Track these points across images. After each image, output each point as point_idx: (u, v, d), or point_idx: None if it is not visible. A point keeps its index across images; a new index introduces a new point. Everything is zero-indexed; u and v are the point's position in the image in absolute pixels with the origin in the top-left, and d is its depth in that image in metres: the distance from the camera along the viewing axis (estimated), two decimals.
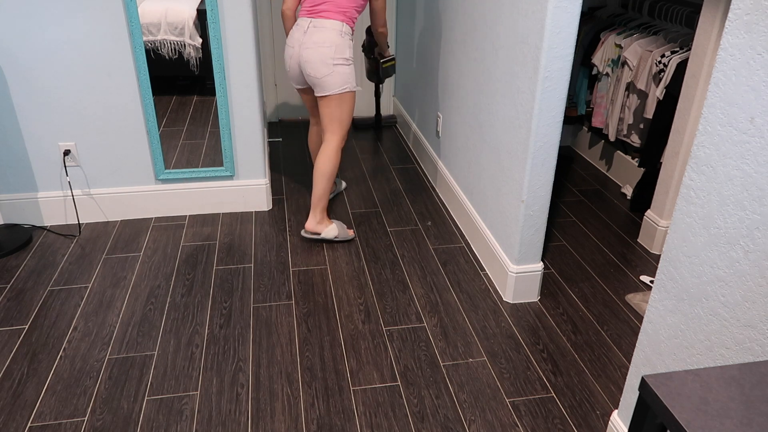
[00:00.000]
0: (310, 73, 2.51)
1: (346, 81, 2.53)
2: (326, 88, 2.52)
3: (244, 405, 1.88)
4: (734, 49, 1.18)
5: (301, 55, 2.50)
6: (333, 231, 2.73)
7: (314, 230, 2.71)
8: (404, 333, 2.21)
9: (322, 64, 2.47)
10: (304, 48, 2.48)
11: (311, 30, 2.47)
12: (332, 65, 2.47)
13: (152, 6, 2.62)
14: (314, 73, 2.49)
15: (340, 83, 2.52)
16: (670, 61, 2.66)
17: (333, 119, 2.60)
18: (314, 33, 2.47)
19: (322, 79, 2.50)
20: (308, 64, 2.49)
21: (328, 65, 2.47)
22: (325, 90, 2.53)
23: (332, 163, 2.65)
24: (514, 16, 2.16)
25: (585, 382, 2.01)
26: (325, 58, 2.46)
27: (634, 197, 3.14)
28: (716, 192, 1.25)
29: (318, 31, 2.47)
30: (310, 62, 2.49)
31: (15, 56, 2.50)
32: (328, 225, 2.73)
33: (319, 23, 2.47)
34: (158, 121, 2.77)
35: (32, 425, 1.78)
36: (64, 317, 2.24)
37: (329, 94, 2.53)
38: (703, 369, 0.90)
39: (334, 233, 2.73)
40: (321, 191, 2.66)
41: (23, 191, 2.79)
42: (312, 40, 2.47)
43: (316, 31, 2.47)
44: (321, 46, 2.45)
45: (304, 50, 2.49)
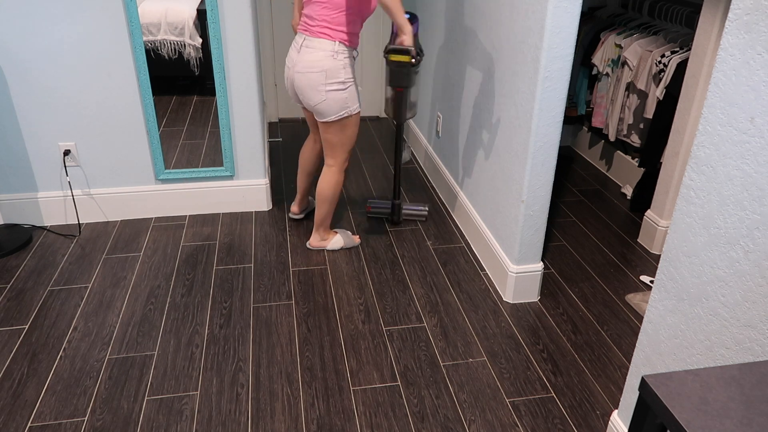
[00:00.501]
0: (302, 100, 2.35)
1: (343, 107, 2.31)
2: (322, 114, 2.33)
3: (244, 405, 1.88)
4: (734, 49, 1.18)
5: (293, 79, 2.32)
6: (338, 243, 2.70)
7: (318, 246, 2.69)
8: (404, 333, 2.21)
9: (313, 92, 2.27)
10: (295, 72, 2.29)
11: (303, 50, 2.27)
12: (324, 92, 2.26)
13: (152, 6, 2.62)
14: (306, 100, 2.33)
15: (336, 110, 2.31)
16: (670, 61, 2.66)
17: (332, 145, 2.44)
18: (305, 54, 2.26)
19: (315, 107, 2.31)
20: (299, 90, 2.32)
21: (320, 92, 2.26)
22: (321, 116, 2.34)
23: (333, 189, 2.53)
24: (514, 16, 2.16)
25: (585, 382, 2.01)
26: (316, 84, 2.25)
27: (634, 197, 3.14)
28: (716, 192, 1.25)
29: (308, 52, 2.25)
30: (300, 88, 2.31)
31: (15, 56, 2.50)
32: (332, 238, 2.69)
33: (310, 42, 2.25)
34: (158, 121, 2.77)
35: (32, 425, 1.78)
36: (64, 317, 2.24)
37: (327, 121, 2.35)
38: (703, 369, 0.90)
39: (339, 245, 2.70)
40: (322, 215, 2.60)
41: (23, 191, 2.79)
42: (302, 63, 2.26)
43: (307, 51, 2.25)
44: (310, 71, 2.25)
45: (296, 74, 2.29)
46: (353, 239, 2.74)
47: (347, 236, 2.73)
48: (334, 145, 2.43)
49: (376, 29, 4.19)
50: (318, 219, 2.61)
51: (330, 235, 2.69)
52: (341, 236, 2.71)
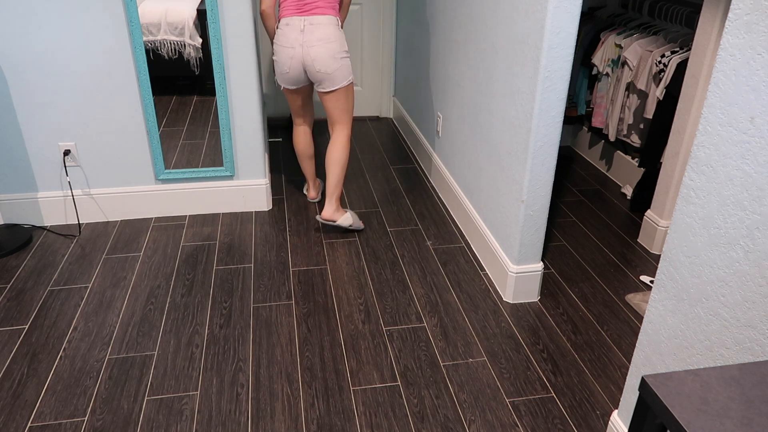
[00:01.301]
0: (321, 69, 2.54)
1: (349, 72, 2.62)
2: (336, 81, 2.58)
3: (244, 405, 1.88)
4: (734, 49, 1.18)
5: (307, 54, 2.52)
6: (348, 219, 2.80)
7: (331, 218, 2.76)
8: (404, 333, 2.21)
9: (332, 59, 2.53)
10: (308, 46, 2.50)
11: (309, 28, 2.49)
12: (340, 59, 2.55)
13: (152, 6, 2.62)
14: (325, 68, 2.54)
15: (346, 75, 2.60)
16: (670, 61, 2.66)
17: (343, 111, 2.68)
18: (314, 30, 2.49)
19: (332, 74, 2.55)
20: (318, 61, 2.52)
21: (337, 59, 2.54)
22: (334, 84, 2.59)
23: (346, 152, 2.73)
24: (514, 16, 2.16)
25: (585, 382, 2.01)
26: (334, 53, 2.52)
27: (634, 197, 3.14)
28: (716, 192, 1.25)
29: (317, 28, 2.49)
30: (319, 59, 2.52)
31: (15, 56, 2.50)
32: (344, 213, 2.79)
33: (315, 20, 2.49)
34: (158, 121, 2.77)
35: (32, 425, 1.78)
36: (64, 317, 2.24)
37: (338, 88, 2.60)
38: (703, 369, 0.90)
39: (349, 221, 2.79)
40: (336, 179, 2.73)
41: (23, 191, 2.79)
42: (315, 38, 2.49)
43: (315, 28, 2.49)
44: (328, 42, 2.50)
45: (309, 49, 2.50)
46: (360, 222, 2.86)
47: (355, 217, 2.84)
48: (344, 111, 2.68)
49: (377, 28, 4.19)
50: (331, 185, 2.73)
51: (341, 210, 2.79)
52: (351, 215, 2.82)
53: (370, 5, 4.10)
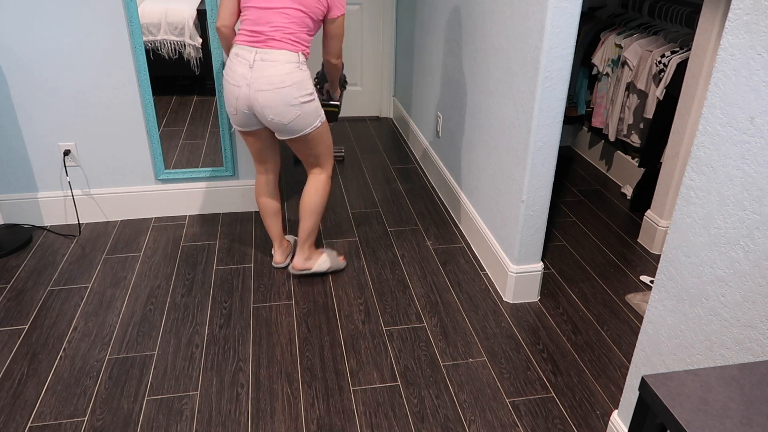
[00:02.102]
0: (273, 118, 2.09)
1: (315, 117, 2.16)
2: (297, 129, 2.14)
3: (244, 405, 1.88)
4: (734, 49, 1.18)
5: (254, 99, 2.05)
6: (325, 263, 2.46)
7: (302, 267, 2.43)
8: (404, 333, 2.21)
9: (287, 108, 2.06)
10: (256, 90, 2.03)
11: (260, 65, 2.01)
12: (299, 105, 2.07)
13: (152, 6, 2.62)
14: (279, 118, 2.08)
15: (311, 121, 2.14)
16: (670, 61, 2.66)
17: (316, 156, 2.28)
18: (265, 68, 2.01)
19: (289, 125, 2.11)
20: (268, 109, 2.06)
21: (294, 107, 2.07)
22: (295, 132, 2.15)
23: (322, 197, 2.34)
24: (514, 16, 2.16)
25: (585, 382, 2.01)
26: (290, 100, 2.05)
27: (634, 197, 3.14)
28: (716, 192, 1.25)
29: (269, 66, 2.01)
30: (271, 107, 2.05)
31: (15, 56, 2.50)
32: (318, 259, 2.45)
33: (268, 55, 2.01)
34: (158, 121, 2.77)
35: (32, 425, 1.78)
36: (64, 317, 2.24)
37: (304, 135, 2.17)
38: (703, 369, 0.90)
39: (326, 266, 2.47)
40: (309, 229, 2.36)
41: (23, 191, 2.79)
42: (266, 79, 2.01)
43: (267, 66, 2.01)
44: (281, 87, 2.02)
45: (258, 93, 2.03)
46: (339, 261, 2.53)
47: (334, 258, 2.51)
48: (319, 155, 2.28)
49: (377, 28, 4.19)
50: (304, 233, 2.36)
51: (316, 255, 2.45)
52: (327, 256, 2.48)
53: (370, 5, 4.11)
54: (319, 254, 2.46)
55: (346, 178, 3.46)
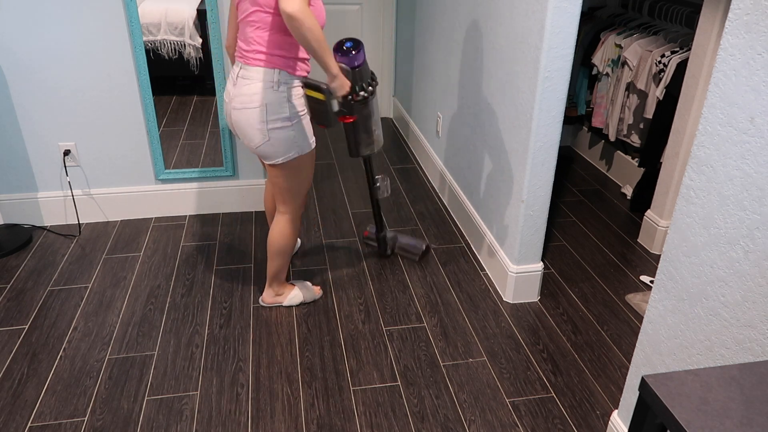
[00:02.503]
0: (243, 140, 1.96)
1: (290, 147, 1.92)
2: (267, 157, 1.95)
3: (244, 405, 1.88)
4: (734, 49, 1.18)
5: (231, 116, 1.93)
6: (297, 298, 2.33)
7: (272, 302, 2.33)
8: (404, 333, 2.21)
9: (253, 131, 1.89)
10: (232, 108, 1.91)
11: (240, 81, 1.88)
12: (267, 131, 1.88)
13: (152, 6, 2.62)
14: (246, 141, 1.94)
15: (282, 151, 1.93)
16: (670, 61, 2.66)
17: (281, 189, 2.05)
18: (242, 86, 1.87)
19: (258, 150, 1.94)
20: (238, 129, 1.93)
21: (261, 132, 1.88)
22: (266, 159, 1.97)
23: (285, 240, 2.15)
24: (514, 16, 2.16)
25: (585, 382, 2.01)
26: (255, 123, 1.87)
27: (634, 197, 3.14)
28: (716, 192, 1.25)
29: (245, 83, 1.86)
30: (239, 127, 1.92)
31: (15, 56, 2.50)
32: (289, 293, 2.32)
33: (247, 72, 1.86)
34: (158, 121, 2.77)
35: (32, 425, 1.78)
36: (64, 317, 2.24)
37: (273, 164, 1.98)
38: (703, 369, 0.90)
39: (298, 300, 2.33)
40: (276, 269, 2.22)
41: (23, 191, 2.79)
42: (239, 98, 1.87)
43: (244, 83, 1.86)
44: (248, 107, 1.86)
45: (232, 111, 1.91)
46: (314, 291, 2.37)
47: (307, 289, 2.36)
48: (283, 190, 2.05)
49: (377, 28, 4.19)
50: (270, 273, 2.24)
51: (286, 289, 2.32)
52: (300, 289, 2.34)
53: (370, 5, 4.11)
54: (290, 288, 2.33)
55: (346, 178, 3.46)
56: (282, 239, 2.15)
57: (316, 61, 1.85)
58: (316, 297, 2.38)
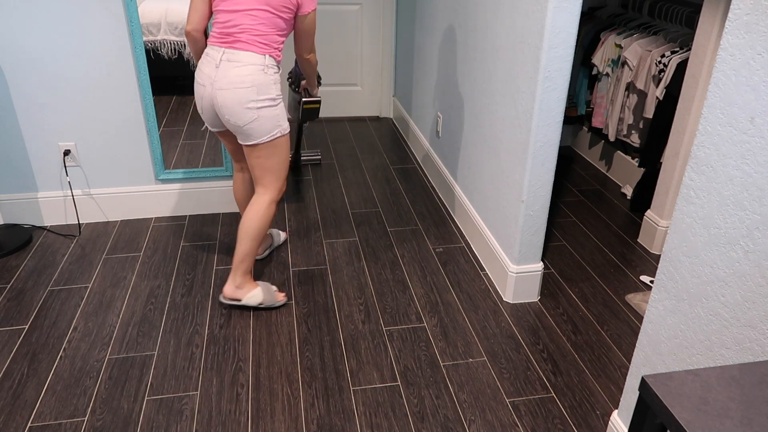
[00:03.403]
0: (230, 119, 2.02)
1: (275, 125, 2.06)
2: (252, 136, 2.04)
3: (244, 405, 1.88)
4: (734, 49, 1.18)
5: (215, 98, 2.00)
6: (257, 297, 2.25)
7: (232, 296, 2.24)
8: (404, 333, 2.21)
9: (243, 110, 1.99)
10: (217, 89, 1.98)
11: (225, 65, 1.97)
12: (256, 109, 1.99)
13: (152, 6, 2.62)
14: (235, 120, 2.01)
15: (269, 129, 2.04)
16: (670, 61, 2.66)
17: (265, 171, 2.12)
18: (229, 69, 1.97)
19: (245, 127, 2.02)
20: (225, 109, 2.00)
21: (251, 110, 1.99)
22: (250, 138, 2.05)
23: (261, 221, 2.16)
24: (514, 16, 2.16)
25: (585, 382, 2.01)
26: (246, 101, 1.98)
27: (634, 197, 3.14)
28: (716, 192, 1.25)
29: (234, 66, 1.97)
30: (227, 107, 2.00)
31: (15, 56, 2.50)
32: (251, 290, 2.25)
33: (234, 56, 1.97)
34: (158, 121, 2.77)
35: (32, 425, 1.78)
36: (64, 317, 2.24)
37: (257, 143, 2.06)
38: (703, 369, 0.90)
39: (257, 299, 2.26)
40: (244, 253, 2.18)
41: (23, 191, 2.79)
42: (227, 79, 1.97)
43: (232, 66, 1.97)
44: (239, 87, 1.96)
45: (218, 92, 1.99)
46: (276, 297, 2.31)
47: (269, 292, 2.30)
48: (265, 171, 2.12)
49: (377, 28, 4.19)
50: (238, 257, 2.18)
51: (248, 285, 2.25)
52: (262, 290, 2.27)
53: (370, 5, 4.11)
54: (253, 286, 2.26)
55: (346, 178, 3.46)
56: (257, 220, 2.16)
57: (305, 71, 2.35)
58: (276, 303, 2.31)
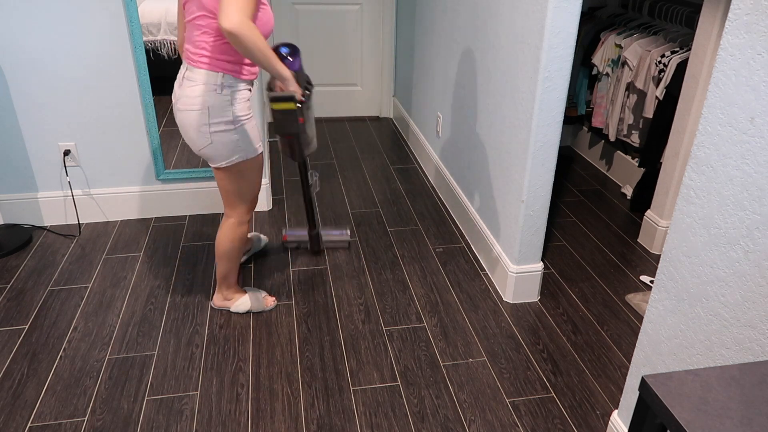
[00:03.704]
0: (187, 142, 1.92)
1: (233, 151, 1.90)
2: (210, 159, 1.94)
3: (244, 405, 1.88)
4: (734, 49, 1.18)
5: (176, 116, 1.90)
6: (245, 305, 2.28)
7: (221, 306, 2.31)
8: (404, 333, 2.21)
9: (195, 134, 1.86)
10: (176, 109, 1.88)
11: (184, 83, 1.85)
12: (209, 134, 1.85)
13: (152, 6, 2.62)
14: (190, 143, 1.91)
15: (225, 155, 1.91)
16: (670, 61, 2.66)
17: (228, 194, 2.03)
18: (186, 87, 1.84)
19: (200, 152, 1.92)
20: (182, 130, 1.91)
21: (203, 134, 1.85)
22: (209, 161, 1.95)
23: (232, 243, 2.12)
24: (514, 16, 2.16)
25: (585, 382, 2.01)
26: (197, 125, 1.84)
27: (634, 197, 3.14)
28: (716, 192, 1.25)
29: (189, 85, 1.83)
30: (182, 129, 1.90)
31: (15, 56, 2.50)
32: (239, 299, 2.28)
33: (191, 73, 1.83)
34: (158, 121, 2.77)
35: (32, 425, 1.78)
36: (64, 317, 2.24)
37: (217, 167, 1.96)
38: (703, 369, 0.90)
39: (245, 307, 2.29)
40: (223, 272, 2.20)
41: (23, 191, 2.79)
42: (182, 99, 1.84)
43: (188, 85, 1.83)
44: (189, 109, 1.83)
45: (176, 112, 1.88)
46: (264, 302, 2.31)
47: (257, 298, 2.30)
48: (232, 193, 2.02)
49: (377, 28, 4.19)
50: (218, 276, 2.23)
51: (236, 295, 2.28)
52: (250, 297, 2.29)
53: (370, 5, 4.11)
54: (241, 295, 2.29)
55: (346, 178, 3.46)
56: (227, 243, 2.11)
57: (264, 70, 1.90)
58: (265, 308, 2.31)
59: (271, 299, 2.34)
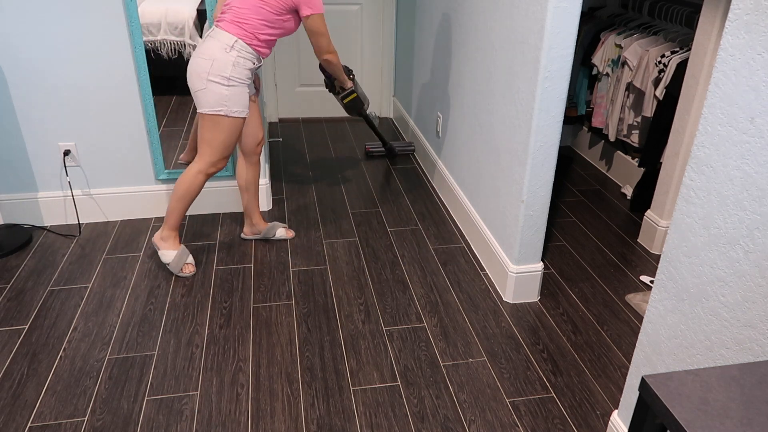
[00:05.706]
0: (188, 84, 2.25)
1: (219, 103, 2.21)
2: (199, 103, 2.24)
3: (244, 405, 1.88)
4: (734, 49, 1.18)
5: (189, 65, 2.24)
6: (167, 256, 2.47)
7: (155, 243, 2.51)
8: (404, 333, 2.21)
9: (196, 77, 2.19)
10: (191, 58, 2.23)
11: (206, 39, 2.21)
12: (205, 80, 2.17)
13: (152, 6, 2.62)
14: (190, 85, 2.23)
15: (212, 103, 2.21)
16: (670, 61, 2.66)
17: (203, 141, 2.30)
18: (206, 42, 2.20)
19: (195, 94, 2.23)
20: (188, 74, 2.23)
21: (202, 79, 2.18)
22: (198, 105, 2.25)
23: (186, 186, 2.35)
24: (514, 16, 2.16)
25: (585, 382, 2.01)
26: (200, 71, 2.17)
27: (634, 197, 3.14)
28: (716, 192, 1.25)
29: (208, 40, 2.19)
30: (189, 72, 2.22)
31: (15, 56, 2.50)
32: (169, 248, 2.47)
33: (215, 33, 2.19)
34: (158, 121, 2.77)
35: (32, 425, 1.78)
36: (64, 317, 2.24)
37: (201, 112, 2.25)
38: (703, 369, 0.90)
39: (167, 259, 2.47)
40: (169, 209, 2.42)
41: (23, 191, 2.79)
42: (198, 50, 2.20)
43: (208, 40, 2.19)
44: (199, 57, 2.18)
45: (191, 60, 2.22)
46: (183, 268, 2.49)
47: (180, 260, 2.48)
48: (206, 142, 2.29)
49: (377, 28, 4.19)
50: (167, 211, 2.45)
51: (171, 241, 2.47)
52: (178, 254, 2.47)
53: (370, 5, 4.11)
54: (174, 246, 2.47)
55: (346, 178, 3.46)
56: (183, 184, 2.35)
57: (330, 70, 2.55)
58: (179, 273, 2.49)
59: (189, 268, 2.51)
